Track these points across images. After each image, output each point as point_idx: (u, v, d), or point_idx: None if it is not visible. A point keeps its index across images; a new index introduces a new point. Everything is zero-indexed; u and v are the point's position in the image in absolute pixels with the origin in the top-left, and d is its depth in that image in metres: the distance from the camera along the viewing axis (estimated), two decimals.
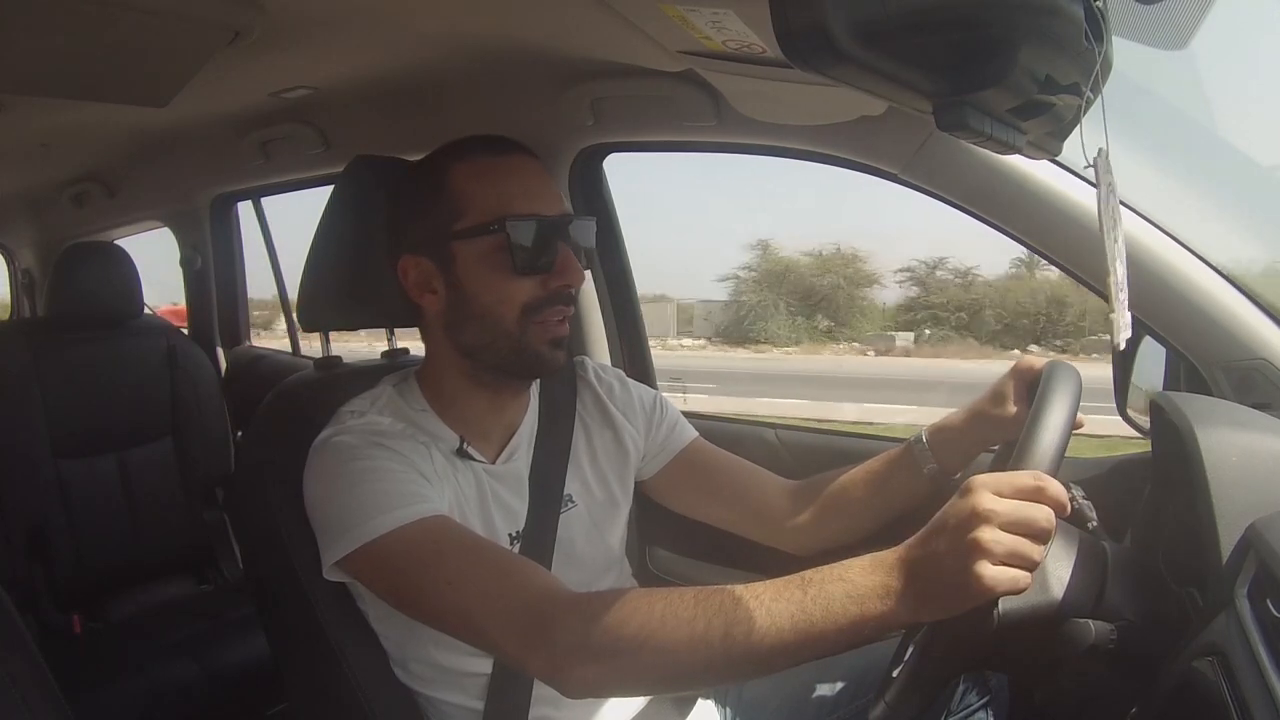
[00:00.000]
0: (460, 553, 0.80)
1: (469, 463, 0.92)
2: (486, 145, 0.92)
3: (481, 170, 0.90)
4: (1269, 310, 0.98)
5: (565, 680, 0.72)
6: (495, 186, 0.89)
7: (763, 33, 0.82)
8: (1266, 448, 0.71)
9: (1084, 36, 0.59)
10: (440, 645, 0.89)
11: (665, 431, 1.10)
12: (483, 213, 0.88)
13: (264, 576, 0.95)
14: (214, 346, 2.26)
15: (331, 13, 1.07)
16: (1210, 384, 1.00)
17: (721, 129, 1.24)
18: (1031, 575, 0.61)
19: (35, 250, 2.62)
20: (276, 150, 1.74)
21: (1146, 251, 0.99)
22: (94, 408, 1.88)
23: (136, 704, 1.51)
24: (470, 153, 0.92)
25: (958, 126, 0.53)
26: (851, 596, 0.64)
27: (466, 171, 0.90)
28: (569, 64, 1.24)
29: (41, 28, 0.95)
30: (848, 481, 1.03)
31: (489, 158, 0.91)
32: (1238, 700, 0.53)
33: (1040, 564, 0.62)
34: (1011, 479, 0.63)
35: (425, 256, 0.91)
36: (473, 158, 0.91)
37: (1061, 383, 0.76)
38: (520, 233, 0.87)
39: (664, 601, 0.70)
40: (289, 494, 0.88)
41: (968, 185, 1.08)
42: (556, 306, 0.91)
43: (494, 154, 0.91)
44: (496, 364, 0.92)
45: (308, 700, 0.98)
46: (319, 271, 1.02)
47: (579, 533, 1.00)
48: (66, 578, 1.81)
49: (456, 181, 0.90)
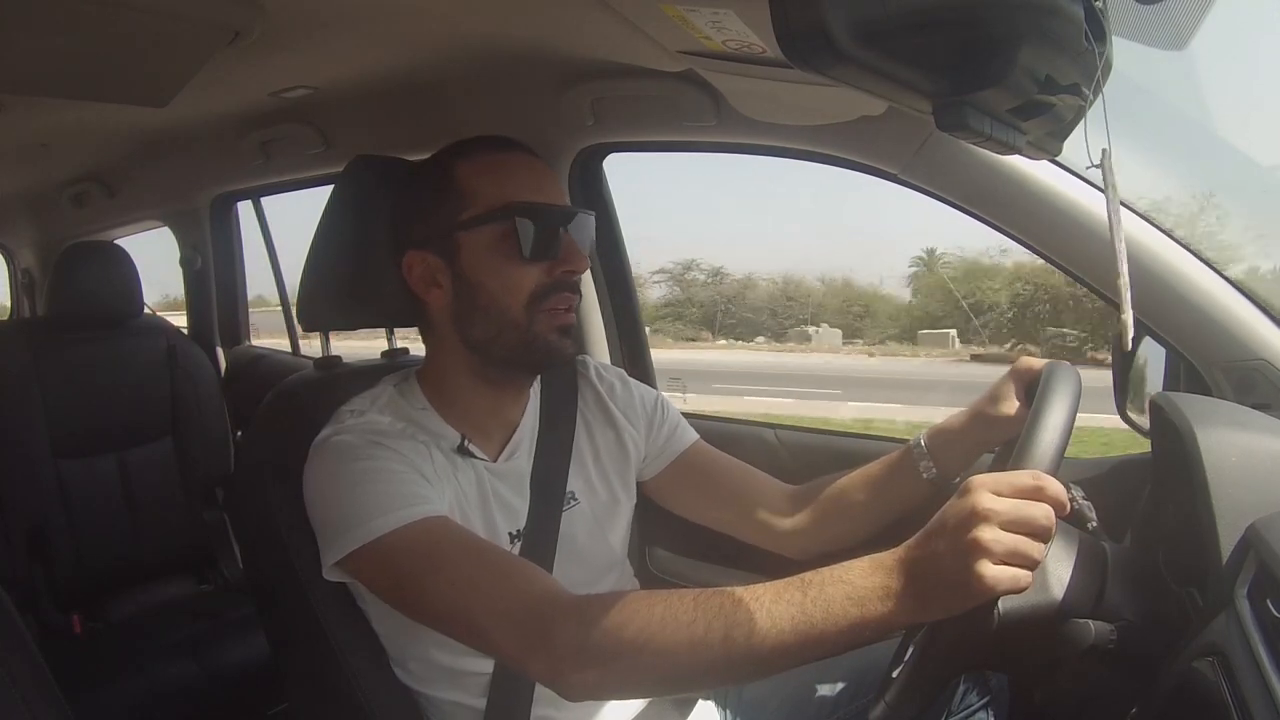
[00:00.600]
0: (460, 554, 0.80)
1: (470, 461, 0.92)
2: (491, 143, 0.94)
3: (487, 165, 0.92)
4: (1269, 310, 0.98)
5: (565, 683, 0.72)
6: (501, 179, 0.91)
7: (763, 33, 0.82)
8: (1266, 448, 0.71)
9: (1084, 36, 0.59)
10: (440, 645, 0.88)
11: (667, 434, 1.10)
12: (489, 202, 0.89)
13: (264, 576, 0.95)
14: (214, 346, 2.26)
15: (331, 13, 1.07)
16: (1210, 384, 1.00)
17: (721, 129, 1.24)
18: (1032, 574, 0.61)
19: (35, 250, 2.62)
20: (276, 150, 1.74)
21: (1146, 252, 0.99)
22: (94, 408, 1.88)
23: (136, 704, 1.51)
24: (475, 150, 0.94)
25: (958, 126, 0.53)
26: (852, 598, 0.64)
27: (472, 167, 0.92)
28: (569, 64, 1.24)
29: (41, 28, 0.95)
30: (846, 485, 1.02)
31: (494, 154, 0.93)
32: (1238, 700, 0.53)
33: (1040, 563, 0.61)
34: (1010, 478, 0.63)
35: (430, 251, 0.92)
36: (478, 155, 0.93)
37: (1061, 383, 0.76)
38: (525, 220, 0.88)
39: (664, 604, 0.70)
40: (289, 494, 0.88)
41: (968, 185, 1.08)
42: (563, 293, 0.91)
43: (498, 150, 0.93)
44: (505, 357, 0.92)
45: (308, 700, 0.98)
46: (319, 271, 1.02)
47: (582, 531, 1.00)
48: (66, 578, 1.80)
49: (462, 177, 0.91)
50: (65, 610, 1.78)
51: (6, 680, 0.70)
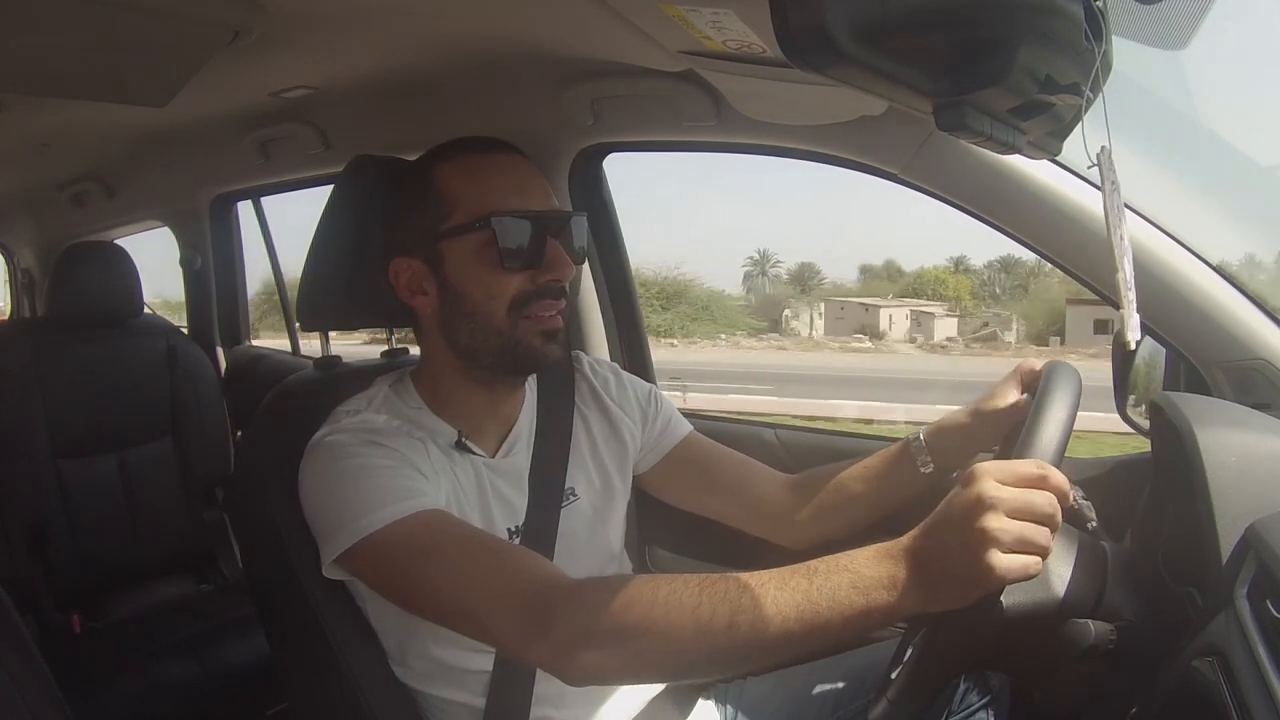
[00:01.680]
0: (457, 545, 0.80)
1: (468, 456, 0.92)
2: (473, 145, 0.93)
3: (468, 169, 0.91)
4: (1269, 310, 0.98)
5: (567, 667, 0.72)
6: (481, 184, 0.90)
7: (763, 33, 0.82)
8: (1266, 448, 0.71)
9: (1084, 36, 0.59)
10: (440, 642, 0.89)
11: (661, 425, 1.10)
12: (469, 211, 0.88)
13: (264, 576, 0.95)
14: (214, 346, 2.26)
15: (331, 13, 1.07)
16: (1210, 384, 1.00)
17: (721, 129, 1.24)
18: (1042, 562, 0.60)
19: (35, 250, 2.62)
20: (276, 150, 1.74)
21: (1146, 251, 0.99)
22: (94, 408, 1.88)
23: (136, 704, 1.51)
24: (456, 153, 0.93)
25: (958, 126, 0.53)
26: (857, 587, 0.64)
27: (453, 171, 0.91)
28: (569, 64, 1.24)
29: (41, 28, 0.95)
30: (845, 476, 1.02)
31: (475, 156, 0.92)
32: (1237, 700, 0.53)
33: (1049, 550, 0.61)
34: (1014, 466, 0.63)
35: (416, 258, 0.91)
36: (459, 158, 0.92)
37: (1062, 381, 0.76)
38: (506, 228, 0.87)
39: (668, 588, 0.69)
40: (289, 494, 0.88)
41: (968, 185, 1.08)
42: (545, 300, 0.90)
43: (480, 153, 0.92)
44: (490, 362, 0.92)
45: (307, 700, 0.98)
46: (318, 271, 1.02)
47: (582, 526, 1.00)
48: (66, 578, 1.80)
49: (443, 181, 0.91)
50: (65, 610, 1.78)
51: (6, 680, 0.70)
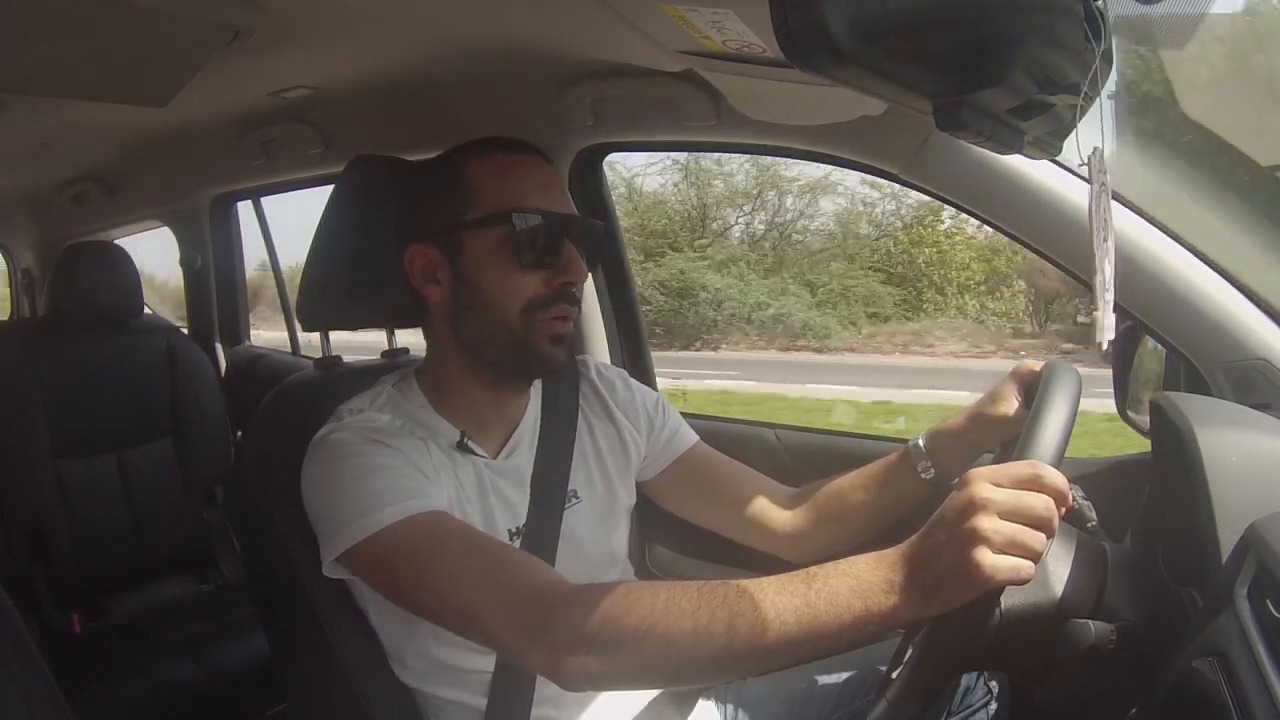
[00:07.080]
0: (458, 547, 0.80)
1: (469, 457, 0.92)
2: (502, 144, 0.95)
3: (496, 166, 0.93)
4: (1269, 310, 0.98)
5: (566, 672, 0.72)
6: (508, 182, 0.91)
7: (763, 33, 0.81)
8: (1266, 448, 0.71)
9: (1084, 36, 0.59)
10: (441, 642, 0.89)
11: (667, 435, 1.10)
12: (492, 205, 0.90)
13: (264, 576, 0.95)
14: (214, 346, 2.26)
15: (331, 13, 1.07)
16: (1210, 384, 0.99)
17: (721, 129, 1.24)
18: (1034, 565, 0.60)
19: (35, 250, 2.62)
20: (276, 150, 1.74)
21: (1146, 251, 0.98)
22: (94, 407, 1.88)
23: (136, 704, 1.51)
24: (486, 150, 0.94)
25: (958, 126, 0.53)
26: (856, 591, 0.64)
27: (482, 167, 0.93)
28: (569, 64, 1.24)
29: (41, 28, 0.95)
30: (846, 486, 1.02)
31: (504, 155, 0.94)
32: (1238, 700, 0.53)
33: (1042, 554, 0.61)
34: (1009, 469, 0.63)
35: (433, 246, 0.92)
36: (488, 154, 0.94)
37: (1061, 382, 0.76)
38: (527, 226, 0.89)
39: (667, 593, 0.70)
40: (289, 493, 0.88)
41: (968, 185, 1.08)
42: (560, 304, 0.91)
43: (509, 152, 0.94)
44: (496, 360, 0.93)
45: (307, 700, 0.99)
46: (319, 271, 1.02)
47: (584, 529, 1.00)
48: (66, 578, 1.80)
49: (471, 176, 0.92)
50: (65, 610, 1.78)
51: (6, 680, 0.70)
